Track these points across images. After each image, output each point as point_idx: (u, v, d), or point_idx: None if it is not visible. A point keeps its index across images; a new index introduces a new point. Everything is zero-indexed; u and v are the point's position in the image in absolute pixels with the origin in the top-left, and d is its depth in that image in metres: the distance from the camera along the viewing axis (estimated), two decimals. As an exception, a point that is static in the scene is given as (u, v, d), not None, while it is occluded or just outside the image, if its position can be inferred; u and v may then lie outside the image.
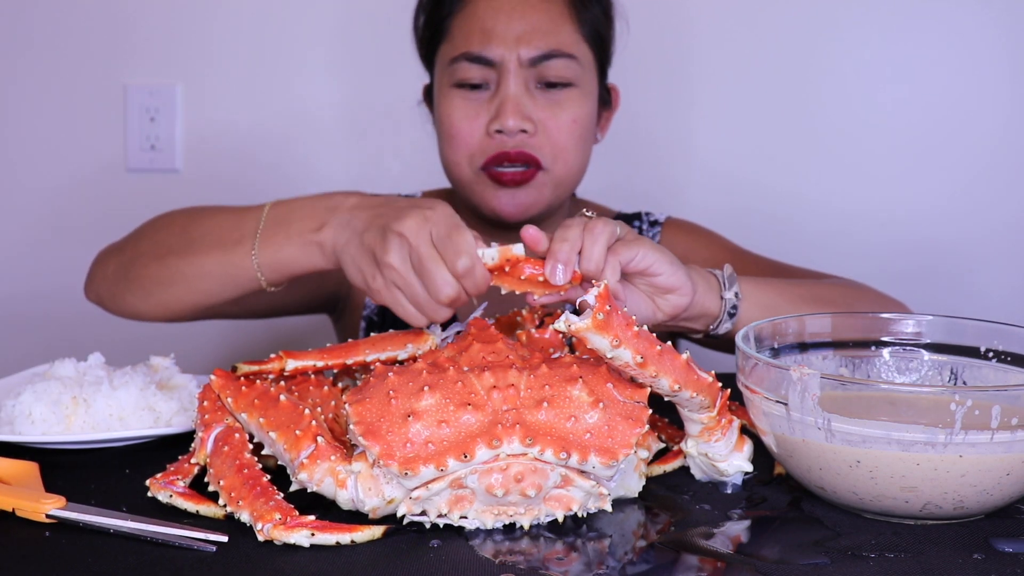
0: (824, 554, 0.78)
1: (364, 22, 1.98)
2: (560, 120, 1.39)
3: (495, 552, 0.77)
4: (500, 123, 1.36)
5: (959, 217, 1.90)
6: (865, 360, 1.02)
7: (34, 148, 2.06)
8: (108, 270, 1.30)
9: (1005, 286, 1.91)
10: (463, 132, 1.39)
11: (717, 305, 1.08)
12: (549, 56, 1.37)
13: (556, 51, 1.38)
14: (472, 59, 1.38)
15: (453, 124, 1.39)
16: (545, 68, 1.38)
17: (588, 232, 0.97)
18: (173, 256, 1.20)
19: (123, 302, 1.27)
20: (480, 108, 1.38)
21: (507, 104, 1.36)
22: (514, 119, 1.36)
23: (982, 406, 0.80)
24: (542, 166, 1.38)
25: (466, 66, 1.38)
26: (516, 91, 1.37)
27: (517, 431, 0.77)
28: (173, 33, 2.00)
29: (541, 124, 1.38)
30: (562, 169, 1.41)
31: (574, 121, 1.40)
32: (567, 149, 1.40)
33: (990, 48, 1.86)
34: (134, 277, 1.24)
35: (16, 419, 0.96)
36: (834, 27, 1.89)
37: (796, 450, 0.85)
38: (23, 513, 0.81)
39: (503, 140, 1.37)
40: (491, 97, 1.38)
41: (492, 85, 1.38)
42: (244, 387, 0.88)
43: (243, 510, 0.79)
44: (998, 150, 1.89)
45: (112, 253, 1.31)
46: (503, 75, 1.37)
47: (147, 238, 1.26)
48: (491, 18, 1.39)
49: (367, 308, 1.49)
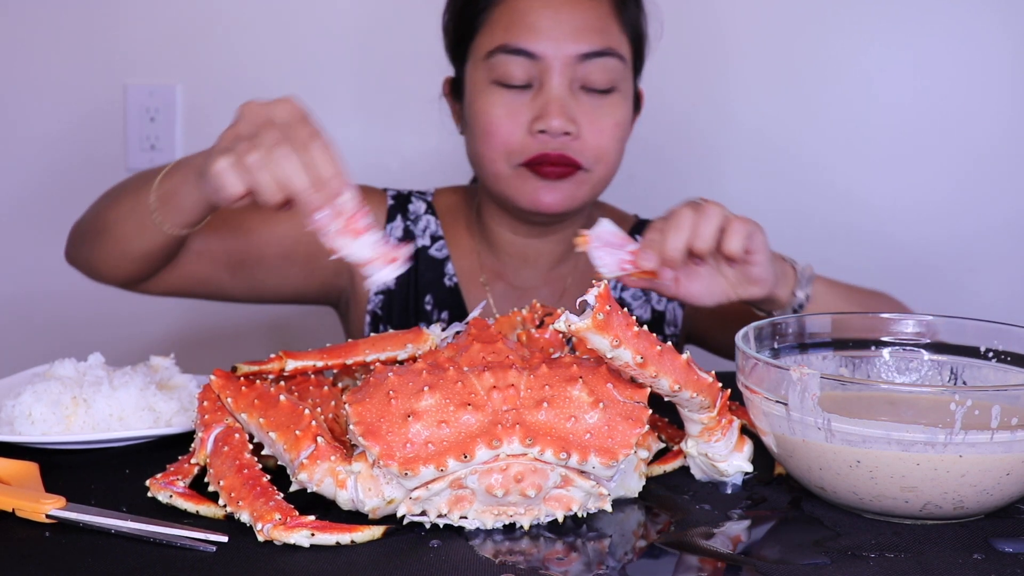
0: (824, 554, 0.78)
1: (365, 23, 1.98)
2: (603, 124, 1.35)
3: (495, 552, 0.77)
4: (545, 123, 1.32)
5: (959, 217, 1.90)
6: (865, 360, 1.02)
7: (34, 148, 2.05)
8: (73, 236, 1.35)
9: (1005, 286, 1.91)
10: (503, 130, 1.35)
11: (787, 298, 1.13)
12: (600, 54, 1.33)
13: (607, 49, 1.34)
14: (513, 51, 1.33)
15: (491, 122, 1.35)
16: (591, 68, 1.33)
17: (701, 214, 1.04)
18: (104, 207, 1.25)
19: (80, 258, 1.32)
20: (521, 106, 1.34)
21: (552, 104, 1.32)
22: (559, 120, 1.32)
23: (982, 406, 0.80)
24: (582, 167, 1.35)
25: (506, 60, 1.34)
26: (561, 91, 1.33)
27: (517, 431, 0.77)
28: (173, 33, 2.00)
29: (585, 127, 1.34)
30: (603, 171, 1.38)
31: (616, 125, 1.37)
32: (609, 153, 1.37)
33: (992, 47, 1.86)
34: (83, 232, 1.30)
35: (16, 419, 0.96)
36: (834, 26, 1.89)
37: (796, 450, 0.85)
38: (23, 513, 0.81)
39: (545, 141, 1.33)
40: (534, 95, 1.34)
41: (535, 83, 1.34)
42: (244, 387, 0.88)
43: (243, 510, 0.79)
44: (999, 150, 1.89)
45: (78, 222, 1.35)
46: (547, 73, 1.33)
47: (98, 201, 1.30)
48: (536, 12, 1.34)
49: (370, 302, 1.48)
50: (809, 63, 1.90)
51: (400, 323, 1.48)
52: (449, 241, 1.51)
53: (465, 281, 1.49)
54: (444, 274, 1.49)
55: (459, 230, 1.52)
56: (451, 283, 1.48)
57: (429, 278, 1.49)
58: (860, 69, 1.90)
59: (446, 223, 1.52)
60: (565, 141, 1.33)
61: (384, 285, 1.12)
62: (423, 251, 1.50)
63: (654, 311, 1.51)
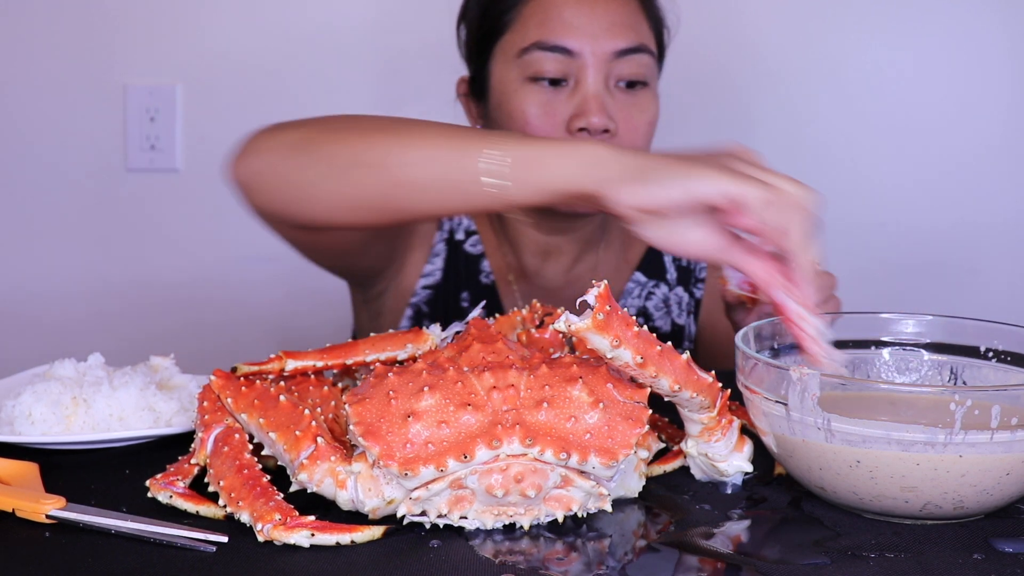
0: (824, 554, 0.78)
1: (366, 22, 1.98)
2: (637, 122, 1.34)
3: (495, 552, 0.77)
4: (585, 121, 1.31)
5: (960, 217, 1.90)
6: (865, 360, 1.02)
7: (34, 148, 2.06)
8: (285, 139, 1.09)
9: (1006, 286, 1.91)
10: (541, 129, 1.33)
11: None
12: (635, 50, 1.33)
13: (640, 46, 1.34)
14: (548, 48, 1.32)
15: (529, 121, 1.33)
16: (625, 64, 1.33)
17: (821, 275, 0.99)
18: (393, 140, 1.02)
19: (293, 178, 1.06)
20: (558, 104, 1.33)
21: (592, 101, 1.31)
22: (599, 117, 1.30)
23: (982, 406, 0.80)
24: None
25: (542, 57, 1.32)
26: (598, 88, 1.32)
27: (517, 431, 0.77)
28: (173, 33, 2.00)
29: (621, 125, 1.33)
30: None
31: (650, 123, 1.36)
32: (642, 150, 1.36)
33: (993, 46, 1.86)
34: (326, 153, 1.04)
35: (16, 420, 0.96)
36: (834, 22, 1.89)
37: (796, 450, 0.85)
38: (23, 513, 0.81)
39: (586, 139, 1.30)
40: (571, 93, 1.33)
41: (570, 80, 1.33)
42: (244, 387, 0.88)
43: (243, 510, 0.79)
44: (999, 149, 1.89)
45: (290, 127, 1.11)
46: (584, 70, 1.32)
47: (346, 121, 1.08)
48: (570, 8, 1.33)
49: (416, 295, 1.46)
50: (808, 63, 1.90)
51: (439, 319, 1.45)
52: (482, 236, 1.51)
53: (498, 279, 1.49)
54: (480, 271, 1.49)
55: (486, 226, 1.51)
56: (487, 280, 1.47)
57: (466, 274, 1.48)
58: (860, 69, 1.90)
59: (478, 219, 1.51)
60: (604, 139, 1.32)
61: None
62: (459, 245, 1.49)
63: (674, 324, 1.51)
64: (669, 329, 1.51)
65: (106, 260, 2.04)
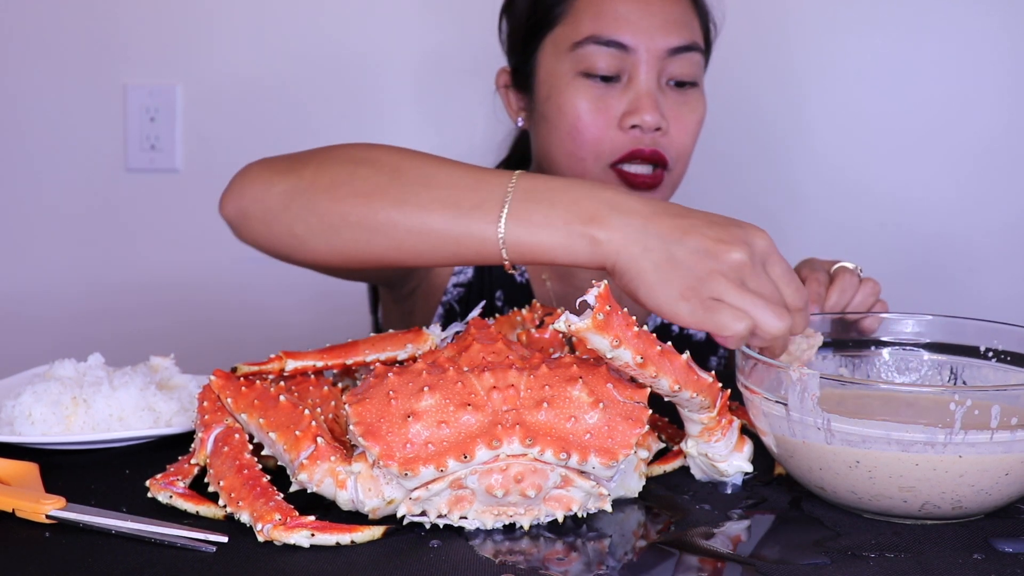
0: (824, 554, 0.78)
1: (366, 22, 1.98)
2: (688, 121, 1.34)
3: (495, 552, 0.77)
4: (639, 118, 1.30)
5: (959, 216, 1.90)
6: (865, 360, 1.02)
7: (34, 148, 2.06)
8: (273, 188, 1.04)
9: (1005, 286, 1.91)
10: (593, 125, 1.31)
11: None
12: (688, 48, 1.32)
13: (693, 44, 1.33)
14: (603, 43, 1.31)
15: (580, 116, 1.32)
16: (678, 63, 1.32)
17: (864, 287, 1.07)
18: (386, 201, 0.98)
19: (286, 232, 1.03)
20: (611, 100, 1.31)
21: (645, 98, 1.30)
22: (652, 115, 1.30)
23: (982, 406, 0.80)
24: (668, 167, 1.33)
25: (596, 51, 1.31)
26: (651, 85, 1.31)
27: (517, 431, 0.77)
28: (173, 33, 2.00)
29: (672, 123, 1.33)
30: (681, 171, 1.36)
31: (699, 123, 1.36)
32: (688, 151, 1.36)
33: (991, 47, 1.86)
34: (321, 211, 1.01)
35: (16, 420, 0.96)
36: (832, 23, 1.89)
37: (796, 450, 0.85)
38: (23, 513, 0.81)
39: (638, 136, 1.31)
40: (623, 89, 1.32)
41: (623, 77, 1.32)
42: (244, 387, 0.88)
43: (243, 510, 0.79)
44: (999, 149, 1.89)
45: (281, 171, 1.05)
46: (637, 66, 1.31)
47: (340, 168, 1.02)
48: (624, 4, 1.32)
49: (448, 294, 1.43)
50: (807, 62, 1.90)
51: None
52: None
53: (533, 278, 1.46)
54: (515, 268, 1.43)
55: None
56: (522, 279, 1.45)
57: (500, 272, 1.44)
58: (858, 69, 1.90)
59: None
60: (656, 137, 1.32)
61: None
62: None
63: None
64: (704, 337, 1.46)
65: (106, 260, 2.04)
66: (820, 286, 1.07)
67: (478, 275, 1.44)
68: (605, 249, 0.91)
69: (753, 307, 0.86)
